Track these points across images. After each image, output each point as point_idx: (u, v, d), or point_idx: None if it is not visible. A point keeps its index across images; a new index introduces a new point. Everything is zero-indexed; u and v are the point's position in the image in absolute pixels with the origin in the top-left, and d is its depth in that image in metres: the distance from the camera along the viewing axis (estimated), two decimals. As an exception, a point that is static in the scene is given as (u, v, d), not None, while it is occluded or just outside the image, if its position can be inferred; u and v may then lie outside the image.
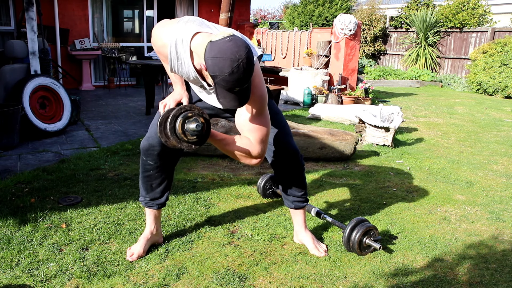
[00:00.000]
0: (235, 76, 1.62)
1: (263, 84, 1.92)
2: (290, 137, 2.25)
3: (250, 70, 1.65)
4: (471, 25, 11.07)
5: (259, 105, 1.89)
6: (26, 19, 4.74)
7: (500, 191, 3.40)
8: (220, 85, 1.67)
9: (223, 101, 1.72)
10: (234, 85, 1.65)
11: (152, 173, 2.22)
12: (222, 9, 5.40)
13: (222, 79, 1.64)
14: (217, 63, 1.61)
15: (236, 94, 1.69)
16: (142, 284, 1.97)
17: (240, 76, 1.63)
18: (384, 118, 4.60)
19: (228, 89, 1.66)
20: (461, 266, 2.24)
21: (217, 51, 1.61)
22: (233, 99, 1.70)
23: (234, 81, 1.63)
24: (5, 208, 2.71)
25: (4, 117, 4.07)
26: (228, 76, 1.62)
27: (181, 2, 9.60)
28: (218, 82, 1.66)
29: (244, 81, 1.65)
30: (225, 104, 1.72)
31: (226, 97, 1.70)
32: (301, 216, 2.39)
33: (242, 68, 1.62)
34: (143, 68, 6.28)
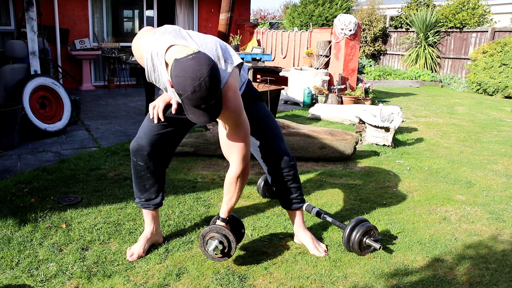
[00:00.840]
0: (198, 95, 1.64)
1: (237, 96, 1.90)
2: (281, 140, 2.25)
3: (215, 87, 1.66)
4: (471, 25, 11.07)
5: (234, 119, 1.90)
6: (26, 19, 4.74)
7: (500, 191, 3.40)
8: (185, 102, 1.68)
9: (192, 117, 1.73)
10: (198, 102, 1.66)
11: (144, 174, 2.22)
12: (222, 9, 5.40)
13: (186, 97, 1.66)
14: (180, 82, 1.63)
15: (203, 110, 1.70)
16: (142, 284, 1.97)
17: (203, 94, 1.64)
18: (384, 118, 4.60)
19: (195, 106, 1.68)
20: (461, 266, 2.24)
21: (179, 70, 1.63)
22: (202, 115, 1.71)
23: (198, 99, 1.65)
24: (5, 208, 2.71)
25: (4, 117, 4.07)
26: (191, 94, 1.64)
27: (181, 2, 9.60)
28: (183, 99, 1.68)
29: (208, 98, 1.65)
30: (194, 119, 1.74)
31: (195, 113, 1.71)
32: (299, 217, 2.39)
33: (204, 87, 1.62)
34: (143, 68, 6.27)
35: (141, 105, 6.83)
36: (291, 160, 2.26)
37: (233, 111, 1.87)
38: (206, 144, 3.98)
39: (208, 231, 2.06)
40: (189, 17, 9.84)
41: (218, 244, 2.01)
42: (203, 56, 1.66)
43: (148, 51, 1.82)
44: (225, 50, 1.92)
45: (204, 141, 3.98)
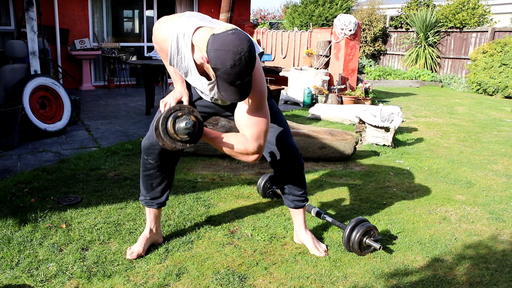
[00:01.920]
0: (237, 69, 1.62)
1: (263, 79, 1.92)
2: (290, 136, 2.25)
3: (252, 64, 1.66)
4: (471, 25, 11.07)
5: (258, 100, 1.89)
6: (26, 19, 4.74)
7: (500, 191, 3.40)
8: (221, 77, 1.66)
9: (224, 94, 1.71)
10: (235, 78, 1.64)
11: (153, 172, 2.22)
12: (222, 9, 5.40)
13: (224, 72, 1.63)
14: (219, 56, 1.61)
15: (237, 87, 1.69)
16: (142, 284, 1.97)
17: (241, 69, 1.63)
18: (384, 118, 4.60)
19: (230, 82, 1.66)
20: (461, 266, 2.24)
21: (219, 44, 1.62)
22: (234, 92, 1.70)
23: (236, 74, 1.63)
24: (5, 208, 2.71)
25: (4, 117, 4.07)
26: (230, 68, 1.62)
27: (181, 2, 9.61)
28: (219, 74, 1.66)
29: (245, 74, 1.65)
30: (225, 97, 1.72)
31: (227, 90, 1.70)
32: (301, 216, 2.39)
33: (244, 61, 1.62)
34: (143, 68, 6.28)
35: (141, 105, 6.83)
36: (299, 157, 2.26)
37: (258, 90, 1.87)
38: (206, 144, 3.98)
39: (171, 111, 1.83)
40: (189, 17, 9.83)
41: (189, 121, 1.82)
42: (243, 32, 1.67)
43: (174, 33, 1.81)
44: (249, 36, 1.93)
45: (204, 141, 3.98)
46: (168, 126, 1.83)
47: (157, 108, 6.73)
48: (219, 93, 1.73)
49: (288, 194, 2.34)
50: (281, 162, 2.24)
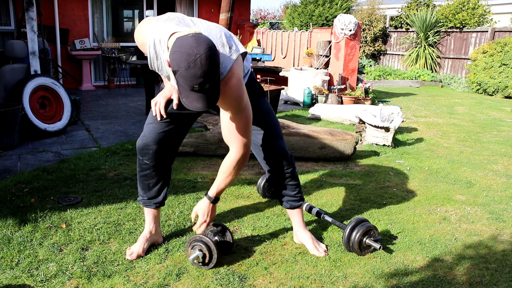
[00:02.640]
0: (192, 72, 1.58)
1: (241, 84, 1.87)
2: (280, 138, 2.24)
3: (210, 69, 1.60)
4: (471, 25, 11.07)
5: (235, 107, 1.87)
6: (26, 19, 4.74)
7: (500, 191, 3.40)
8: (179, 82, 1.63)
9: (186, 101, 1.66)
10: (191, 81, 1.59)
11: (149, 172, 2.22)
12: (222, 9, 5.40)
13: (180, 75, 1.60)
14: (176, 58, 1.60)
15: (198, 93, 1.62)
16: (142, 284, 1.97)
17: (197, 72, 1.58)
18: (384, 118, 4.60)
19: (188, 87, 1.61)
20: (461, 266, 2.24)
21: (177, 46, 1.60)
22: (196, 100, 1.64)
23: (192, 77, 1.58)
24: (5, 208, 2.71)
25: (4, 117, 4.07)
26: (184, 71, 1.58)
27: (181, 2, 9.61)
28: (177, 78, 1.63)
29: (202, 78, 1.59)
30: (187, 104, 1.67)
31: (188, 96, 1.65)
32: (299, 216, 2.39)
33: (199, 64, 1.57)
34: (143, 68, 6.28)
35: (141, 105, 6.83)
36: (289, 158, 2.26)
37: (234, 99, 1.84)
38: (206, 144, 3.98)
39: (196, 240, 2.10)
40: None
41: (200, 256, 2.07)
42: (204, 37, 1.63)
43: (151, 39, 1.80)
44: (229, 37, 1.89)
45: (204, 141, 3.98)
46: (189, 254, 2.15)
47: (157, 108, 6.72)
48: (181, 100, 1.68)
49: (283, 195, 2.34)
50: (271, 165, 2.25)
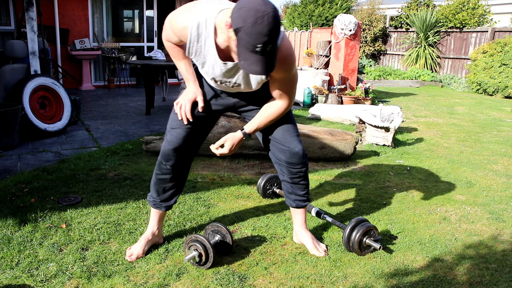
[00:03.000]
0: (258, 28, 1.55)
1: (292, 48, 1.90)
2: (297, 136, 2.24)
3: (275, 28, 1.58)
4: (471, 25, 11.07)
5: (289, 68, 1.88)
6: (26, 19, 4.74)
7: (500, 191, 3.40)
8: (242, 41, 1.60)
9: (244, 64, 1.64)
10: (256, 39, 1.57)
11: (168, 177, 2.22)
12: (222, 9, 5.39)
13: (245, 32, 1.57)
14: (242, 14, 1.57)
15: (258, 55, 1.61)
16: (142, 284, 1.97)
17: (263, 29, 1.55)
18: (384, 118, 4.60)
19: (251, 47, 1.59)
20: (461, 266, 2.24)
21: (243, 3, 1.58)
22: (255, 63, 1.62)
23: (257, 34, 1.56)
24: (5, 208, 2.71)
25: (4, 117, 4.07)
26: (250, 27, 1.55)
27: (181, 2, 9.60)
28: (240, 37, 1.59)
29: (267, 37, 1.57)
30: (245, 67, 1.64)
31: (248, 59, 1.62)
32: (302, 216, 2.39)
33: (267, 21, 1.55)
34: (143, 68, 6.28)
35: (141, 105, 6.83)
36: (304, 157, 2.25)
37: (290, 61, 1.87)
38: (206, 144, 3.98)
39: (193, 240, 2.10)
40: (189, 17, 9.83)
41: (196, 255, 2.07)
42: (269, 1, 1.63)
43: (194, 20, 1.78)
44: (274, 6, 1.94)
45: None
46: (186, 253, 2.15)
47: (157, 108, 6.74)
48: (239, 62, 1.65)
49: (291, 193, 2.33)
50: (287, 161, 2.23)
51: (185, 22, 1.83)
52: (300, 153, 2.21)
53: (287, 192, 2.34)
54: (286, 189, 2.34)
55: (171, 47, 2.01)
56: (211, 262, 2.08)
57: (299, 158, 2.22)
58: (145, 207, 2.81)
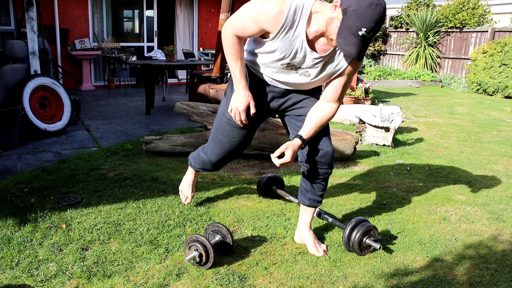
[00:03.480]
0: (370, 13, 1.60)
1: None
2: (329, 137, 2.26)
3: (382, 20, 1.64)
4: (471, 25, 11.07)
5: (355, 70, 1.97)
6: (26, 19, 4.74)
7: (500, 191, 3.40)
8: (349, 20, 1.64)
9: (342, 42, 1.68)
10: (363, 23, 1.62)
11: (210, 169, 2.55)
12: (222, 9, 5.41)
13: (355, 11, 1.62)
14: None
15: (358, 39, 1.65)
16: (142, 284, 1.97)
17: (374, 15, 1.61)
18: (384, 118, 4.60)
19: (356, 28, 1.64)
20: (461, 266, 2.24)
21: None
22: (352, 44, 1.66)
23: (366, 18, 1.61)
24: (5, 208, 2.71)
25: (4, 117, 4.07)
26: (364, 8, 1.60)
27: (181, 2, 9.60)
28: (348, 16, 1.63)
29: (374, 23, 1.62)
30: (342, 46, 1.68)
31: (347, 39, 1.66)
32: (310, 215, 2.39)
33: (379, 10, 1.60)
34: (143, 68, 6.28)
35: (141, 105, 6.83)
36: (333, 159, 2.26)
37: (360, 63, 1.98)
38: (206, 144, 3.98)
39: (193, 240, 2.10)
40: (189, 17, 9.84)
41: (196, 256, 2.08)
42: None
43: (292, 4, 1.79)
44: None
45: (204, 141, 3.98)
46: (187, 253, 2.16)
47: (157, 108, 6.74)
48: (338, 41, 1.69)
49: (308, 191, 2.33)
50: (317, 161, 2.23)
51: (281, 7, 1.80)
52: (331, 153, 2.22)
53: (304, 189, 2.34)
54: (304, 186, 2.34)
55: (234, 43, 1.96)
56: (212, 263, 2.08)
57: (329, 158, 2.22)
58: (145, 207, 2.81)
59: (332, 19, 1.75)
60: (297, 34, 1.84)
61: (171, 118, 5.93)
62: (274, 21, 1.82)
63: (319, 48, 1.90)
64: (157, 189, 3.13)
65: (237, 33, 1.95)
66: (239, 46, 1.98)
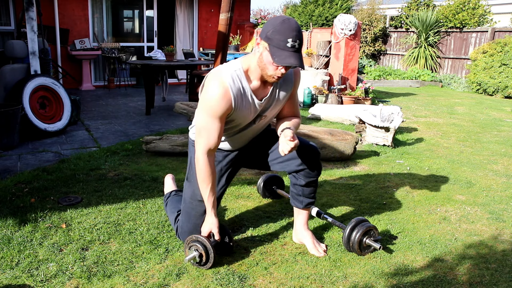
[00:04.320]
0: (286, 25, 1.75)
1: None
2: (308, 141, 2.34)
3: (300, 29, 1.80)
4: (471, 25, 11.07)
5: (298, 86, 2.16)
6: (26, 19, 4.74)
7: (500, 191, 3.40)
8: (273, 41, 1.77)
9: (279, 60, 1.79)
10: (286, 34, 1.75)
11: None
12: (222, 9, 5.40)
13: (274, 31, 1.77)
14: (270, 21, 1.82)
15: (290, 50, 1.77)
16: (142, 284, 1.97)
17: (291, 25, 1.76)
18: (384, 118, 4.60)
19: (282, 43, 1.76)
20: (461, 266, 2.23)
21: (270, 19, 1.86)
22: (288, 57, 1.78)
23: (286, 29, 1.75)
24: (5, 208, 2.71)
25: (4, 117, 4.07)
26: (280, 25, 1.76)
27: (181, 2, 9.60)
28: (270, 37, 1.78)
29: (296, 31, 1.76)
30: (280, 61, 1.79)
31: (281, 55, 1.78)
32: (306, 215, 2.39)
33: (293, 21, 1.77)
34: (143, 68, 6.28)
35: (141, 105, 6.83)
36: (319, 158, 2.29)
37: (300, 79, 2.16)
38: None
39: (193, 240, 2.10)
40: (189, 17, 9.84)
41: (197, 256, 2.07)
42: None
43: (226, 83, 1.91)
44: None
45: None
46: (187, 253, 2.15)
47: (157, 108, 6.74)
48: (275, 61, 1.79)
49: (300, 195, 2.33)
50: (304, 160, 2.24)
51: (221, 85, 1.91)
52: (318, 152, 2.27)
53: (296, 195, 2.35)
54: (296, 192, 2.34)
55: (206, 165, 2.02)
56: (212, 263, 2.08)
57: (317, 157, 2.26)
58: (145, 207, 2.81)
59: (261, 54, 1.87)
60: (247, 94, 1.97)
61: (171, 118, 5.93)
62: (226, 99, 1.92)
63: (265, 93, 2.04)
64: (157, 189, 3.13)
65: (208, 147, 2.00)
66: (210, 168, 2.04)
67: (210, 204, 2.11)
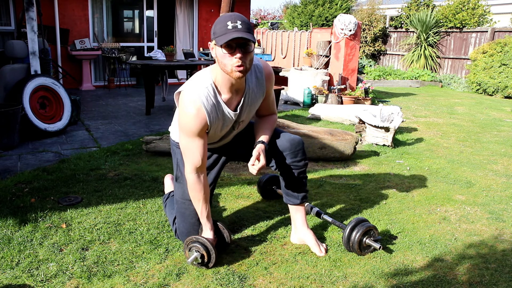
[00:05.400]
0: (224, 16, 1.86)
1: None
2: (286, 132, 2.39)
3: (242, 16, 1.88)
4: (471, 25, 11.07)
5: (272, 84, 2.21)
6: (26, 19, 4.74)
7: (500, 191, 3.40)
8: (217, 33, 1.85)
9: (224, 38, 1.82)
10: (224, 22, 1.83)
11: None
12: (222, 9, 5.40)
13: (214, 26, 1.88)
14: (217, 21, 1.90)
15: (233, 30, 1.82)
16: (142, 284, 1.97)
17: (229, 14, 1.91)
18: (384, 118, 4.60)
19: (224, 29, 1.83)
20: (461, 266, 2.24)
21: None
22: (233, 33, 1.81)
23: (224, 18, 1.85)
24: (5, 208, 2.71)
25: (4, 117, 4.07)
26: (218, 19, 1.88)
27: (181, 2, 9.60)
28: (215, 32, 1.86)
29: (233, 16, 1.85)
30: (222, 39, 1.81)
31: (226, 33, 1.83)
32: (303, 213, 2.40)
33: (233, 13, 1.87)
34: (143, 68, 6.28)
35: (141, 105, 6.83)
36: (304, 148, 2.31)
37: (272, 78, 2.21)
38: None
39: (193, 241, 2.10)
40: (189, 17, 9.84)
41: (198, 256, 2.07)
42: None
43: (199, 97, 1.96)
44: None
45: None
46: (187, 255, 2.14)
47: (157, 108, 6.74)
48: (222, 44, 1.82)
49: (294, 191, 2.34)
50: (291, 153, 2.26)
51: (194, 104, 1.96)
52: (298, 138, 2.30)
53: (290, 191, 2.35)
54: (289, 188, 2.35)
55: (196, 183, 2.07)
56: (214, 262, 2.08)
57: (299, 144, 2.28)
58: (145, 207, 2.81)
59: (216, 54, 1.92)
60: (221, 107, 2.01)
61: (171, 118, 5.93)
62: (201, 118, 1.97)
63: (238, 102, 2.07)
64: (157, 189, 3.13)
65: (194, 166, 2.05)
66: (200, 185, 2.08)
67: (204, 218, 2.16)
